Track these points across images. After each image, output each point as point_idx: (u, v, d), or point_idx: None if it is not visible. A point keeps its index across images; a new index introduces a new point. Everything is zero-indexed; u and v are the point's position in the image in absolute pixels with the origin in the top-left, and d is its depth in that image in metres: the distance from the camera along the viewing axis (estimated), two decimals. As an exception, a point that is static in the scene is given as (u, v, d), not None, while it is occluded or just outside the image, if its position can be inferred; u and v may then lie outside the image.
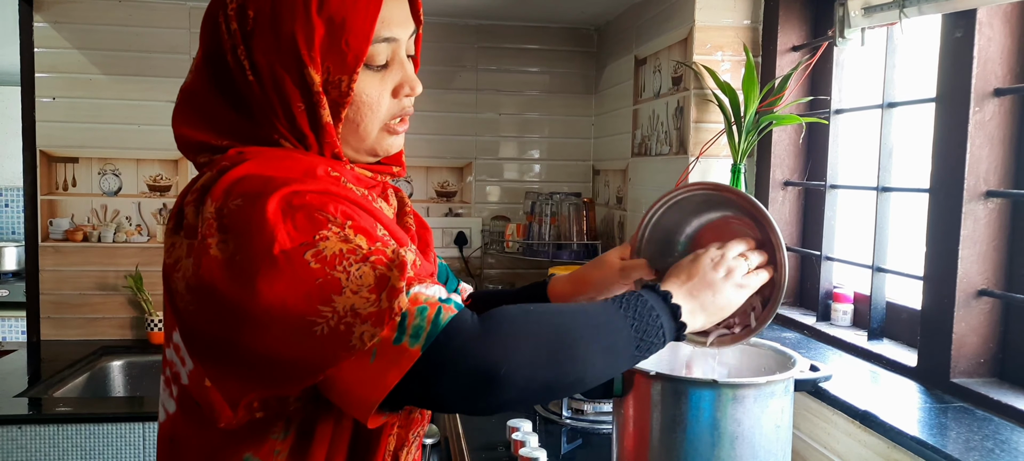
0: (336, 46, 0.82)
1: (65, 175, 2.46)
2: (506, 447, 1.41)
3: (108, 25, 2.42)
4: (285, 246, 0.73)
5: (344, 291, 0.72)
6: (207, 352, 0.79)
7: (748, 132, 1.71)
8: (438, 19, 2.59)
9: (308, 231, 0.74)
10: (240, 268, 0.73)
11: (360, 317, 0.72)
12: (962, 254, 1.22)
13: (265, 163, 0.80)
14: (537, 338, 0.76)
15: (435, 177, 2.66)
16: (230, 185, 0.77)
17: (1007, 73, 1.21)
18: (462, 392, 0.74)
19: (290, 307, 0.72)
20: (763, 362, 1.13)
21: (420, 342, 0.72)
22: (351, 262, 0.74)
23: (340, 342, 0.72)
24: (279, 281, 0.72)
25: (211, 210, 0.77)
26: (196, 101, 0.87)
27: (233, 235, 0.75)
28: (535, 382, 0.75)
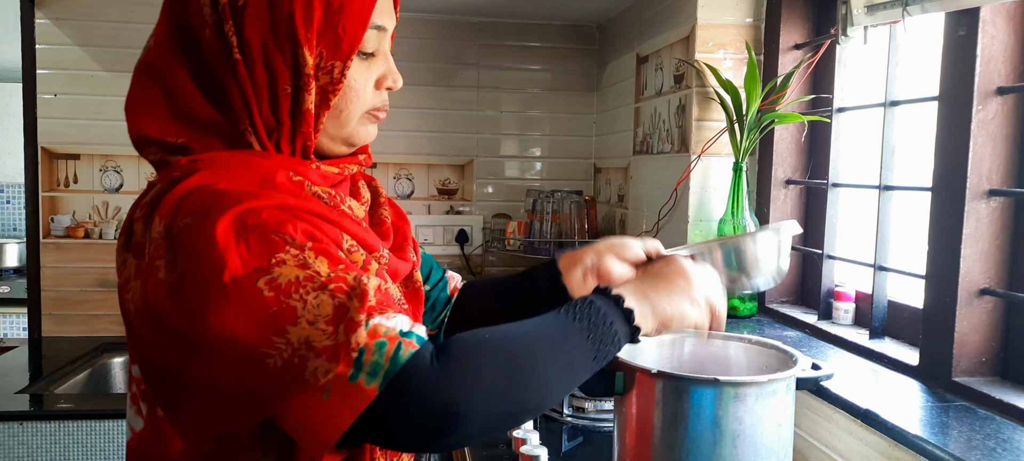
0: (332, 30, 0.78)
1: (66, 172, 2.46)
2: (507, 445, 1.41)
3: (109, 21, 2.42)
4: (236, 272, 0.67)
5: (299, 321, 0.67)
6: (157, 379, 0.75)
7: (750, 130, 1.71)
8: (439, 16, 2.59)
9: (263, 255, 0.69)
10: (188, 294, 0.68)
11: (315, 351, 0.67)
12: (964, 253, 1.22)
13: (219, 173, 0.74)
14: (495, 368, 0.71)
15: (436, 175, 2.66)
16: (179, 199, 0.72)
17: (1010, 72, 1.21)
18: (420, 432, 0.69)
19: (240, 338, 0.67)
20: (765, 360, 1.12)
21: (377, 381, 0.67)
22: (308, 290, 0.68)
23: (293, 376, 0.67)
24: (228, 310, 0.67)
25: (160, 228, 0.71)
26: (157, 82, 0.80)
27: (181, 257, 0.69)
28: (495, 414, 0.71)
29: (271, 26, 0.76)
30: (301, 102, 0.79)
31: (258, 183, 0.75)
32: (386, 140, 2.61)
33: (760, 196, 1.83)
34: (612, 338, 0.80)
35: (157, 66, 0.81)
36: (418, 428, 0.69)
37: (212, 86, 0.78)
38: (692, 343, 1.19)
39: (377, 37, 0.85)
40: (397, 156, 2.63)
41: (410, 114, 2.61)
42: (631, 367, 1.02)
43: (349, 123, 0.84)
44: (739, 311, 1.74)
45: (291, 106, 0.79)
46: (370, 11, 0.80)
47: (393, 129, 2.61)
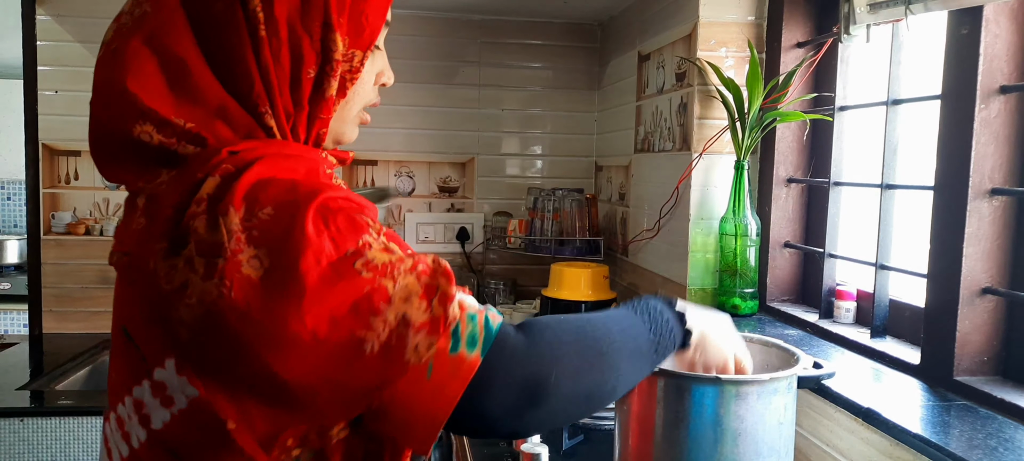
0: (358, 18, 0.75)
1: (67, 168, 2.46)
2: (508, 443, 1.41)
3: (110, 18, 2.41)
4: (331, 257, 0.65)
5: (393, 300, 0.66)
6: (230, 385, 0.67)
7: (752, 128, 1.71)
8: (441, 14, 2.59)
9: (352, 238, 0.67)
10: (280, 286, 0.64)
11: (413, 327, 0.66)
12: (966, 252, 1.21)
13: (277, 164, 0.70)
14: (576, 346, 0.75)
15: (437, 172, 2.66)
16: (251, 192, 0.67)
17: (1013, 70, 1.20)
18: (512, 403, 0.70)
19: (338, 324, 0.64)
20: (766, 359, 1.12)
21: (478, 349, 0.68)
22: (398, 271, 0.67)
23: (393, 358, 0.65)
24: (325, 296, 0.64)
25: (236, 222, 0.65)
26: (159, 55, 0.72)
27: (268, 250, 0.65)
28: (578, 391, 0.73)
29: (301, 6, 0.72)
30: (324, 88, 0.75)
31: (307, 173, 0.71)
32: (387, 137, 2.61)
33: (762, 194, 1.83)
34: (669, 333, 0.85)
35: (161, 40, 0.73)
36: (511, 399, 0.70)
37: (224, 65, 0.72)
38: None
39: (384, 32, 0.83)
40: (398, 153, 2.63)
41: (411, 111, 2.61)
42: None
43: (350, 116, 0.82)
44: (740, 310, 1.74)
45: (312, 91, 0.75)
46: (389, 3, 0.79)
47: (394, 126, 2.61)
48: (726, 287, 1.77)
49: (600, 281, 2.10)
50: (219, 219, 0.66)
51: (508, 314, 2.38)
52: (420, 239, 2.65)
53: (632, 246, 2.27)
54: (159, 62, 0.72)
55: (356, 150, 2.56)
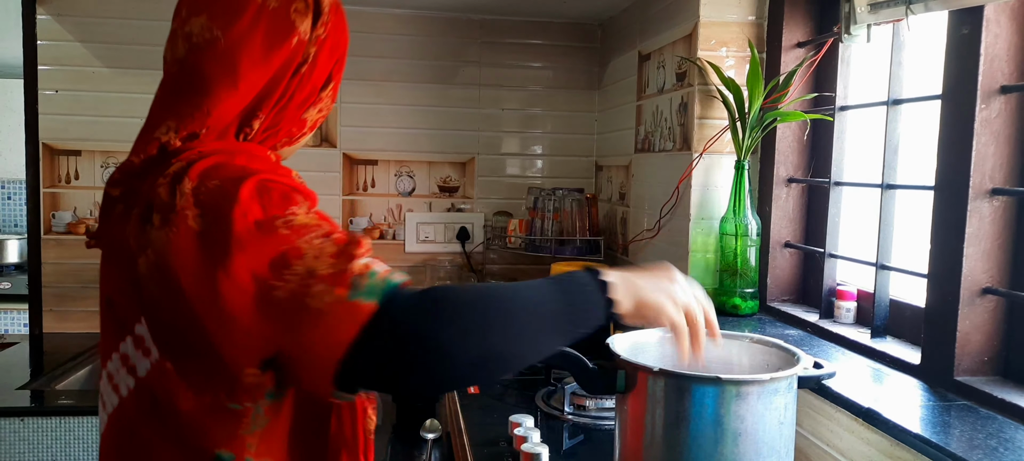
0: (339, 78, 1.01)
1: (67, 168, 2.46)
2: (508, 442, 1.41)
3: (111, 18, 2.42)
4: (258, 216, 0.77)
5: (305, 256, 0.75)
6: (168, 332, 0.82)
7: (752, 128, 1.71)
8: (441, 13, 2.59)
9: (281, 206, 0.80)
10: (213, 239, 0.76)
11: (317, 278, 0.74)
12: (967, 252, 1.21)
13: (231, 156, 0.85)
14: (478, 311, 0.77)
15: (437, 172, 2.66)
16: (205, 170, 0.81)
17: (1014, 70, 1.20)
18: (405, 356, 0.73)
19: (256, 274, 0.74)
20: (767, 359, 1.12)
21: (375, 297, 0.73)
22: (315, 235, 0.78)
23: (297, 304, 0.73)
24: (247, 248, 0.75)
25: (189, 188, 0.79)
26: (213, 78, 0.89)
27: (210, 209, 0.78)
28: (474, 353, 0.76)
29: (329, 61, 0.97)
30: (306, 115, 0.98)
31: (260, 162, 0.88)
32: (387, 137, 2.61)
33: (762, 194, 1.82)
34: (587, 304, 0.85)
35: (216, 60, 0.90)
36: (404, 351, 0.73)
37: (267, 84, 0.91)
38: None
39: None
40: (398, 153, 2.63)
41: (411, 111, 2.61)
42: (633, 365, 1.02)
43: (294, 148, 1.01)
44: (740, 310, 1.74)
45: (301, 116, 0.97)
46: (343, 68, 1.02)
47: (394, 126, 2.61)
48: (726, 287, 1.77)
49: (600, 281, 2.10)
50: (176, 187, 0.80)
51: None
52: (420, 239, 2.65)
53: (632, 246, 2.27)
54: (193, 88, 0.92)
55: (357, 150, 2.57)
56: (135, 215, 0.83)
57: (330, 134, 2.57)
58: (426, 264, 2.65)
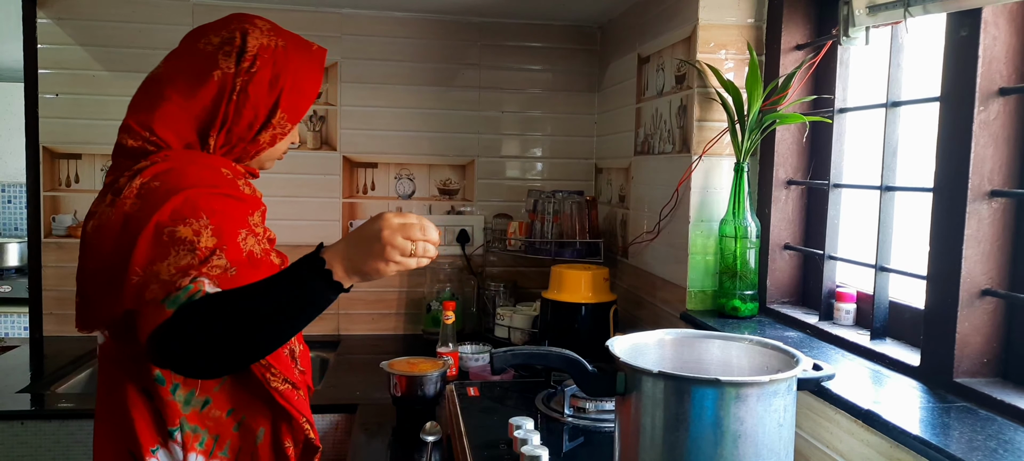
0: (296, 106, 1.28)
1: (68, 171, 2.46)
2: (508, 445, 1.41)
3: (111, 21, 2.42)
4: (162, 218, 1.08)
5: (165, 263, 1.06)
6: (87, 277, 1.15)
7: (751, 131, 1.71)
8: (441, 17, 2.59)
9: (180, 218, 1.09)
10: (132, 223, 1.09)
11: (157, 280, 1.05)
12: (966, 254, 1.22)
13: (186, 164, 1.16)
14: (233, 322, 1.05)
15: (437, 175, 2.66)
16: (157, 173, 1.13)
17: (1012, 72, 1.21)
18: (185, 347, 1.04)
19: (135, 259, 1.06)
20: (766, 361, 1.12)
21: (173, 306, 1.03)
22: (182, 249, 1.07)
23: (137, 291, 1.06)
24: (143, 241, 1.07)
25: (137, 182, 1.12)
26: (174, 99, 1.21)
27: (143, 202, 1.10)
28: (233, 348, 1.06)
29: (268, 92, 1.24)
30: (259, 137, 1.26)
31: (209, 176, 1.17)
32: (387, 140, 2.61)
33: (761, 196, 1.83)
34: (316, 292, 1.07)
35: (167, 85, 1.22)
36: (185, 343, 1.04)
37: (210, 110, 1.21)
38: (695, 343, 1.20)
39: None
40: (398, 156, 2.63)
41: (411, 114, 2.61)
42: (632, 367, 1.03)
43: (273, 156, 1.33)
44: (740, 312, 1.74)
45: (252, 137, 1.26)
46: (312, 101, 1.32)
47: (394, 129, 2.61)
48: (726, 289, 1.77)
49: (600, 283, 2.10)
50: (131, 180, 1.13)
51: (508, 316, 2.39)
52: (420, 241, 2.65)
53: (632, 248, 2.27)
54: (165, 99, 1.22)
55: (357, 153, 2.57)
56: (108, 197, 1.15)
57: (330, 137, 2.58)
58: (426, 266, 2.65)
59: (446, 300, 2.24)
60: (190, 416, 1.18)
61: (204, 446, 1.19)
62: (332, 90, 2.55)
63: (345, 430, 1.88)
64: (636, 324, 2.21)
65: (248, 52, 1.22)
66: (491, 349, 2.17)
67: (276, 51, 1.25)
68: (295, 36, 1.32)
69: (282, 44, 1.26)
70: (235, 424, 1.22)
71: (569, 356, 1.09)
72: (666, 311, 1.99)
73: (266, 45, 1.24)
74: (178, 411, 1.17)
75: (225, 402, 1.20)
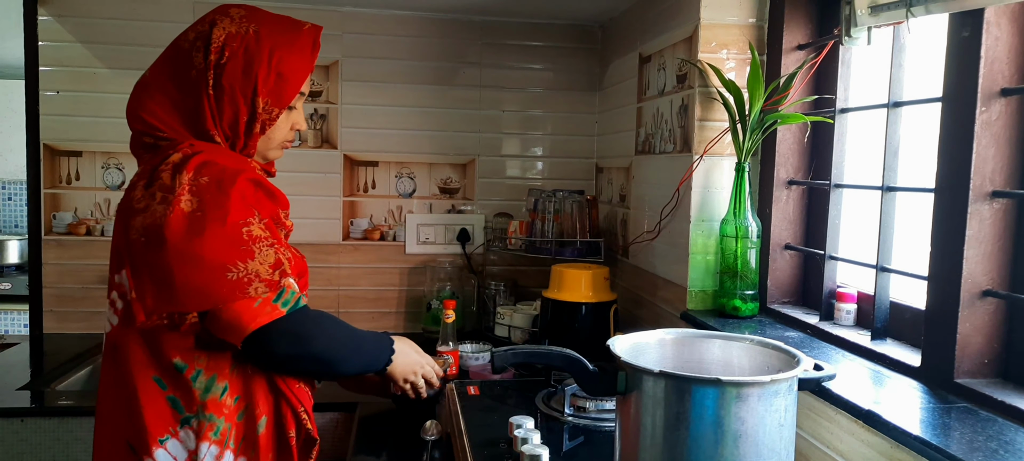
0: (278, 90, 1.27)
1: (68, 169, 2.46)
2: (508, 444, 1.41)
3: (112, 19, 2.42)
4: (236, 218, 1.16)
5: (255, 259, 1.17)
6: (142, 275, 1.18)
7: (753, 130, 1.71)
8: (442, 15, 2.59)
9: (248, 212, 1.18)
10: (199, 221, 1.14)
11: (259, 278, 1.17)
12: (967, 254, 1.21)
13: (216, 154, 1.21)
14: (336, 336, 1.31)
15: (438, 173, 2.66)
16: (199, 166, 1.18)
17: (1014, 73, 1.21)
18: (289, 346, 1.21)
19: (219, 255, 1.14)
20: (767, 361, 1.12)
21: (287, 307, 1.19)
22: (263, 245, 1.18)
23: (241, 288, 1.16)
24: (220, 237, 1.14)
25: (186, 178, 1.16)
26: (157, 96, 1.25)
27: (200, 200, 1.15)
28: (325, 359, 1.27)
29: (243, 80, 1.24)
30: (252, 128, 1.28)
31: (241, 161, 1.24)
32: (388, 139, 2.61)
33: (762, 196, 1.83)
34: (379, 356, 1.45)
35: (156, 87, 1.27)
36: (289, 342, 1.21)
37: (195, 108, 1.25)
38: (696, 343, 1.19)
39: (299, 99, 1.35)
40: (399, 155, 2.63)
41: (412, 113, 2.61)
42: (633, 367, 1.03)
43: (271, 146, 1.34)
44: (741, 312, 1.74)
45: (245, 129, 1.27)
46: (301, 84, 1.31)
47: (395, 128, 2.61)
48: (727, 289, 1.77)
49: (601, 282, 2.10)
50: (176, 175, 1.17)
51: (509, 315, 2.39)
52: (421, 240, 2.65)
53: (633, 248, 2.27)
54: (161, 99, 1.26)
55: (357, 152, 2.57)
56: (140, 184, 1.20)
57: (331, 135, 2.58)
58: (426, 265, 2.65)
59: (446, 299, 2.24)
60: (209, 403, 1.20)
61: (219, 435, 1.21)
62: (333, 88, 2.55)
63: (345, 428, 1.88)
64: (636, 324, 2.21)
65: (214, 43, 1.22)
66: (491, 348, 2.17)
67: (246, 37, 1.24)
68: (278, 18, 1.29)
69: (254, 29, 1.24)
70: (239, 412, 1.24)
71: (570, 355, 1.09)
72: (666, 311, 1.99)
73: (234, 33, 1.23)
74: (197, 398, 1.20)
75: (237, 390, 1.24)
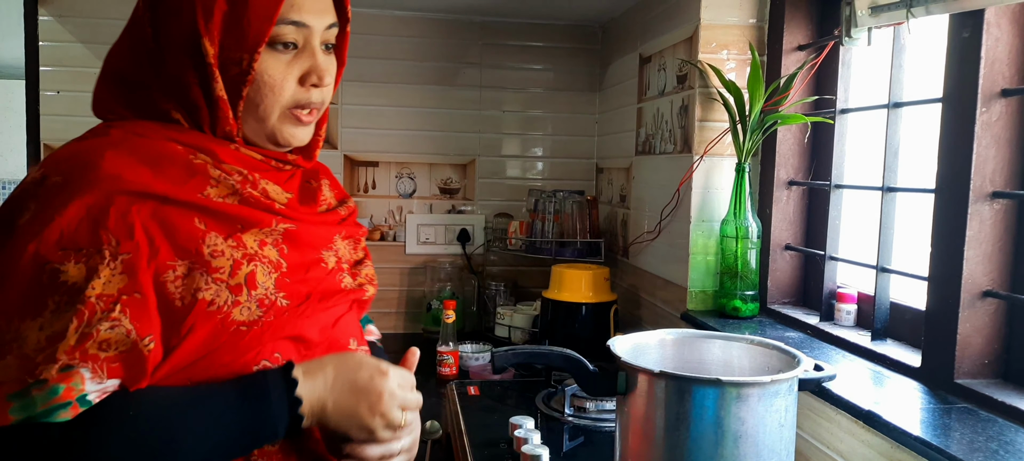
0: (237, 23, 0.82)
1: (69, 169, 2.46)
2: (508, 443, 1.41)
3: (112, 19, 2.41)
4: (49, 242, 0.75)
5: (39, 318, 0.72)
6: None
7: (753, 131, 1.71)
8: (442, 16, 2.59)
9: (87, 239, 0.75)
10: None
11: (15, 352, 0.72)
12: (967, 255, 1.21)
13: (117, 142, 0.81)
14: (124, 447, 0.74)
15: (438, 174, 2.66)
16: (59, 156, 0.81)
17: (1014, 74, 1.21)
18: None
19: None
20: (767, 361, 1.12)
21: (25, 414, 0.70)
22: (69, 302, 0.73)
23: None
24: (10, 265, 0.75)
25: (38, 168, 0.80)
26: (109, 66, 0.89)
27: (23, 200, 0.79)
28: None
29: (177, 16, 0.82)
30: (211, 90, 0.83)
31: (149, 160, 0.80)
32: (388, 139, 2.61)
33: (763, 197, 1.83)
34: (270, 422, 0.80)
35: (113, 50, 0.89)
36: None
37: (142, 72, 0.85)
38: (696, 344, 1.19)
39: (297, 32, 0.86)
40: (399, 155, 2.63)
41: (412, 113, 2.61)
42: (633, 367, 1.03)
43: (269, 117, 0.87)
44: (741, 312, 1.74)
45: (203, 93, 0.83)
46: (278, 6, 0.83)
47: (395, 128, 2.61)
48: (727, 289, 1.77)
49: (601, 283, 2.10)
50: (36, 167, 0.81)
51: (509, 315, 2.38)
52: (421, 240, 2.65)
53: (633, 248, 2.27)
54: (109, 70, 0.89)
55: (357, 152, 2.57)
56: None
57: (331, 136, 2.58)
58: (427, 266, 2.65)
59: (446, 299, 2.24)
60: None
61: None
62: (333, 88, 2.55)
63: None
64: (636, 324, 2.21)
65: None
66: (491, 348, 2.17)
67: None
68: None
69: None
70: None
71: (570, 355, 1.09)
72: (667, 311, 1.99)
73: None
74: None
75: None
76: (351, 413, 0.84)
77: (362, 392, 0.84)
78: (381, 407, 0.85)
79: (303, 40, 0.87)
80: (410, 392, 0.90)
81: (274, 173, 0.90)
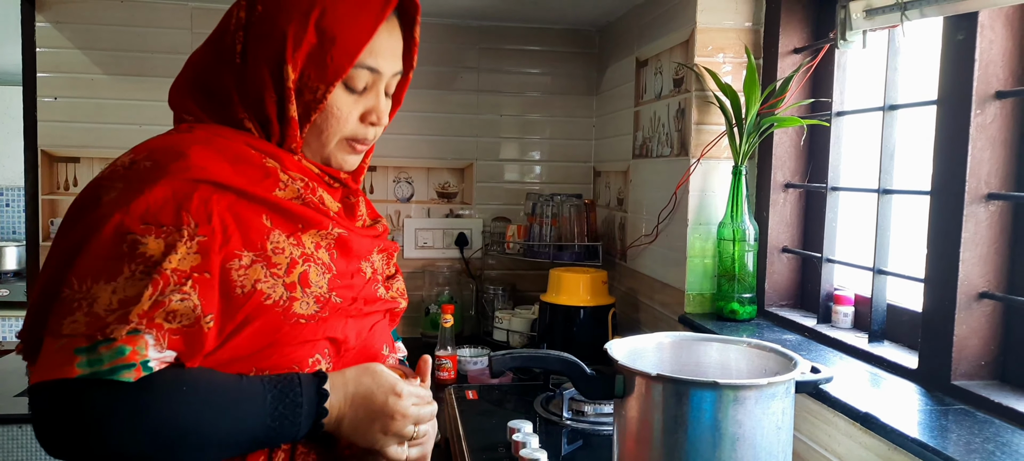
0: (322, 58, 0.91)
1: (66, 175, 2.46)
2: (506, 447, 1.41)
3: (110, 25, 2.42)
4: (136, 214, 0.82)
5: (113, 283, 0.79)
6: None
7: (749, 134, 1.71)
8: (440, 20, 2.59)
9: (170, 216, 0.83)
10: (82, 210, 0.90)
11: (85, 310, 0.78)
12: (963, 257, 1.22)
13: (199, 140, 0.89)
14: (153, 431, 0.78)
15: (436, 178, 2.67)
16: (152, 148, 0.90)
17: (1008, 76, 1.21)
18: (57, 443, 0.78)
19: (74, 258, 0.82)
20: (764, 363, 1.13)
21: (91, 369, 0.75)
22: (144, 271, 0.79)
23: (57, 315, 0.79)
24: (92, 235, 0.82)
25: (121, 160, 0.91)
26: (192, 71, 0.97)
27: (109, 184, 0.90)
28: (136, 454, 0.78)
29: (266, 41, 0.91)
30: (285, 110, 0.92)
31: (230, 158, 0.88)
32: (386, 143, 2.61)
33: (759, 199, 1.83)
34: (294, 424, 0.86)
35: (195, 60, 0.97)
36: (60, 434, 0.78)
37: (223, 85, 0.93)
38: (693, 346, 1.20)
39: (369, 76, 0.96)
40: (397, 159, 2.63)
41: (410, 117, 2.61)
42: (631, 370, 1.03)
43: (329, 143, 0.97)
44: (738, 314, 1.75)
45: (277, 111, 0.92)
46: (360, 51, 0.92)
47: (393, 132, 2.62)
48: (724, 292, 1.77)
49: (599, 286, 2.10)
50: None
51: (507, 319, 2.38)
52: (419, 244, 2.65)
53: (631, 251, 2.27)
54: (190, 77, 0.97)
55: (355, 156, 2.57)
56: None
57: (329, 140, 2.58)
58: (425, 270, 2.65)
59: (445, 303, 2.24)
60: None
61: None
62: (331, 93, 2.55)
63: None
64: (634, 327, 2.21)
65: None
66: (490, 352, 2.17)
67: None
68: None
69: None
70: None
71: (568, 359, 1.09)
72: (664, 314, 1.99)
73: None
74: None
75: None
76: (364, 431, 0.90)
77: (376, 414, 0.90)
78: (394, 428, 0.91)
79: (372, 82, 0.97)
80: (425, 407, 0.94)
81: (326, 187, 0.98)
